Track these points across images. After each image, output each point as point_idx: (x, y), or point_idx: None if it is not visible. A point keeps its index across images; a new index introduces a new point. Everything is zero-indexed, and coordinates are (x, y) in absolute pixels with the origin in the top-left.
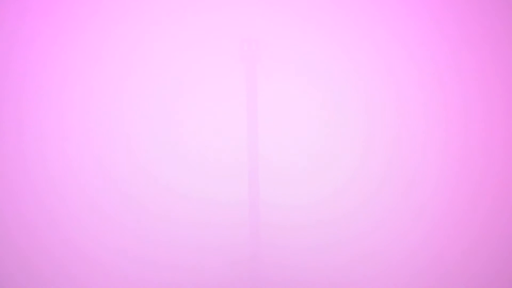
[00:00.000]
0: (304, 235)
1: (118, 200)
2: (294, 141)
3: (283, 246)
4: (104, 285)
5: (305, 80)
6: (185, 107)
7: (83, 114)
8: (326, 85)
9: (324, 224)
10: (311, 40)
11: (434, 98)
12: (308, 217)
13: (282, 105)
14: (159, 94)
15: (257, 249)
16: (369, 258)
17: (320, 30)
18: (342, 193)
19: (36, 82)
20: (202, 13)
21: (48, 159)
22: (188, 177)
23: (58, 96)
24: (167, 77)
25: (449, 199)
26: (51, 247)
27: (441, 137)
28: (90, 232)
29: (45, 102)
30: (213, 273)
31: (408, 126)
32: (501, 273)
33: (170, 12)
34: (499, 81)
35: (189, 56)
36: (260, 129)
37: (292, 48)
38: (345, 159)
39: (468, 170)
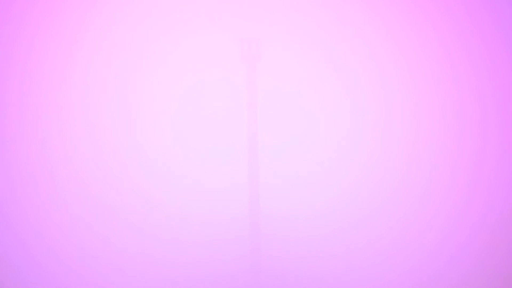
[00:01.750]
0: (308, 245)
1: (113, 222)
2: (297, 144)
3: (285, 257)
4: None
5: (306, 80)
6: (184, 108)
7: (80, 114)
8: (328, 85)
9: (330, 233)
10: (312, 40)
11: (448, 100)
12: (313, 227)
13: (283, 106)
14: (157, 95)
15: (259, 261)
16: (376, 265)
17: (320, 30)
18: (349, 199)
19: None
20: (202, 13)
21: (50, 159)
22: (186, 183)
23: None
24: (166, 77)
25: (462, 203)
26: (54, 245)
27: (455, 140)
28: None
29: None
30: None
31: (419, 127)
32: None
33: (170, 13)
34: None
35: (189, 56)
36: (260, 131)
37: (293, 48)
38: (351, 163)
39: (483, 174)
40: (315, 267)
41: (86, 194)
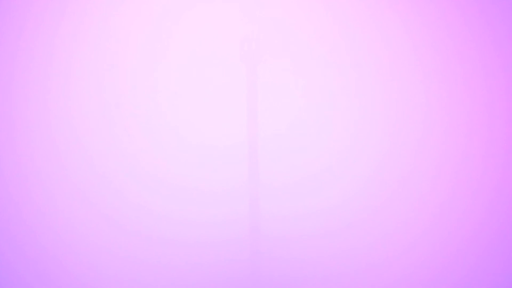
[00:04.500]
0: (310, 247)
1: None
2: (298, 144)
3: (286, 259)
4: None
5: (307, 80)
6: (183, 108)
7: (76, 115)
8: (329, 84)
9: (333, 235)
10: (313, 40)
11: (457, 101)
12: (315, 228)
13: (284, 106)
14: (156, 95)
15: (259, 263)
16: (379, 267)
17: (321, 29)
18: (352, 200)
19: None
20: (201, 12)
21: (38, 157)
22: (184, 182)
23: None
24: (165, 77)
25: (467, 204)
26: (46, 245)
27: (463, 142)
28: (85, 232)
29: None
30: None
31: (425, 127)
32: None
33: (169, 12)
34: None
35: (189, 56)
36: (260, 131)
37: (293, 48)
38: (354, 163)
39: (491, 176)
40: (317, 269)
41: (82, 195)
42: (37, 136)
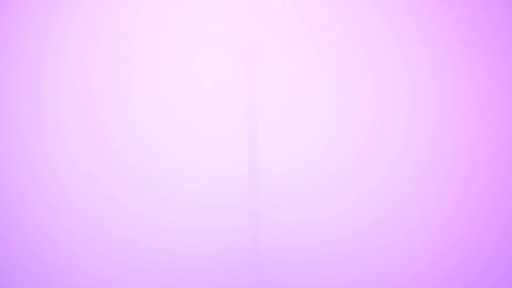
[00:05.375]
0: (309, 258)
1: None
2: (299, 145)
3: (286, 270)
4: None
5: (307, 80)
6: (182, 108)
7: (77, 116)
8: (330, 85)
9: (332, 245)
10: (312, 40)
11: (468, 101)
12: (315, 237)
13: (284, 106)
14: (156, 95)
15: (259, 274)
16: (381, 272)
17: (321, 29)
18: (354, 205)
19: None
20: (201, 12)
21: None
22: (182, 188)
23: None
24: (165, 77)
25: (473, 208)
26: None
27: (471, 144)
28: (83, 241)
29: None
30: None
31: (432, 131)
32: None
33: (169, 11)
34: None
35: (188, 56)
36: (261, 132)
37: (293, 48)
38: (357, 167)
39: (494, 175)
40: (317, 279)
41: (83, 209)
42: (28, 138)
